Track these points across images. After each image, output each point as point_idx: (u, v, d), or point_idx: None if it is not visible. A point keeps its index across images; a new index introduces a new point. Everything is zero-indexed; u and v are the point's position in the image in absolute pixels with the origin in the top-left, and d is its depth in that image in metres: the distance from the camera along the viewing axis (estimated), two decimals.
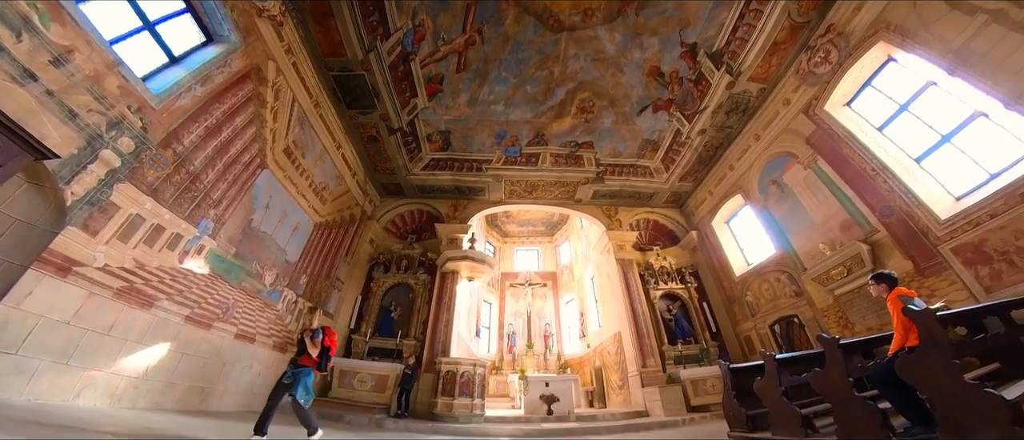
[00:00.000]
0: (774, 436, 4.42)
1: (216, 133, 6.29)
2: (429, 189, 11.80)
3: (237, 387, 6.76)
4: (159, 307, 5.43)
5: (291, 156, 8.05)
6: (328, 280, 9.42)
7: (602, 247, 12.27)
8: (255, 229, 7.25)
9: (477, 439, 6.61)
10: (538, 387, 8.89)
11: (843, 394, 3.60)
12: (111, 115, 4.80)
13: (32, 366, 4.04)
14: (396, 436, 6.25)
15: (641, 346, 9.48)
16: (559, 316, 16.54)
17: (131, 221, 5.06)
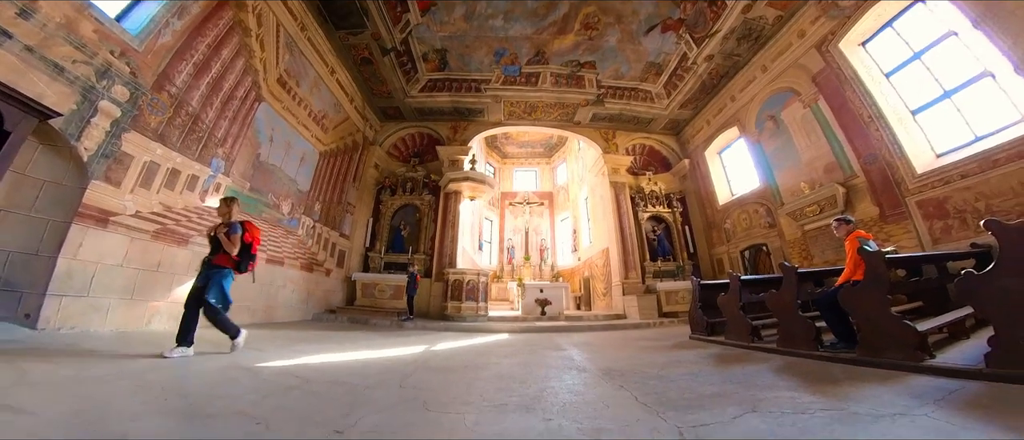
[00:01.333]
0: (726, 340, 5.16)
1: (206, 69, 5.88)
2: (428, 111, 11.31)
3: (278, 302, 7.55)
4: (194, 243, 5.73)
5: (286, 86, 7.60)
6: (340, 205, 9.72)
7: (598, 170, 12.37)
8: (264, 163, 7.25)
9: (482, 334, 7.52)
10: (533, 293, 9.97)
11: (789, 312, 4.17)
12: (97, 63, 4.48)
13: (104, 304, 4.54)
14: (415, 333, 7.22)
15: (626, 261, 10.37)
16: (554, 232, 17.56)
17: (147, 168, 5.09)
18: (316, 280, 8.70)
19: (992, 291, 2.53)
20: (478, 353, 4.76)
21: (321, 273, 8.93)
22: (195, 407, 2.18)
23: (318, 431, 1.88)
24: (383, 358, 4.22)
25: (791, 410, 2.20)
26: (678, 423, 2.08)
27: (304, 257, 8.40)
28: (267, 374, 3.14)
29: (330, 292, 9.25)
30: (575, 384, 3.12)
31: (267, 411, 2.13)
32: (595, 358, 4.35)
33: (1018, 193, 4.56)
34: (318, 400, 2.45)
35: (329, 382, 2.95)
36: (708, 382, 2.99)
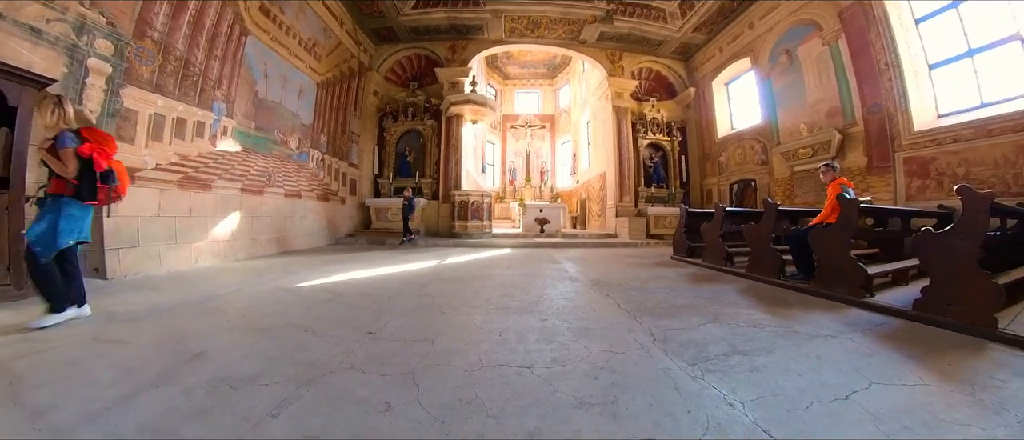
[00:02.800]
0: (703, 263, 5.61)
1: (182, 7, 5.47)
2: (424, 30, 10.20)
3: (301, 232, 8.14)
4: (217, 187, 6.06)
5: (269, 14, 6.98)
6: (345, 136, 9.65)
7: (601, 93, 11.49)
8: (264, 100, 7.11)
9: (487, 249, 8.17)
10: (533, 212, 10.38)
11: (762, 243, 4.49)
12: (70, 18, 4.26)
13: (155, 250, 5.07)
14: (427, 250, 7.91)
15: (621, 185, 10.39)
16: (554, 155, 17.12)
17: (153, 121, 5.15)
18: (333, 208, 9.22)
19: (941, 249, 2.68)
20: (484, 266, 5.36)
21: (336, 202, 9.40)
22: (253, 323, 2.62)
23: (355, 334, 2.33)
24: (401, 272, 4.78)
25: (746, 324, 2.58)
26: (651, 326, 2.49)
27: (318, 188, 8.76)
28: (306, 292, 3.68)
29: (347, 218, 9.85)
30: (568, 292, 3.61)
31: (311, 321, 2.64)
32: (586, 271, 4.89)
33: (999, 165, 4.31)
34: (351, 309, 2.96)
35: (358, 294, 3.49)
36: (681, 296, 3.45)
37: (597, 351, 2.06)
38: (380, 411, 1.45)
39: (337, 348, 2.11)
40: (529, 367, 1.84)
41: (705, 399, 1.54)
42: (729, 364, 1.89)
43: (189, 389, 1.62)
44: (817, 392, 1.59)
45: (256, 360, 1.96)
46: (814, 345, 2.18)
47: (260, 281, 4.36)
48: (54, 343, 2.21)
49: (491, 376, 1.75)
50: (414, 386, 1.64)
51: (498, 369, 1.83)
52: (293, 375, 1.76)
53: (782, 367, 1.85)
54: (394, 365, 1.87)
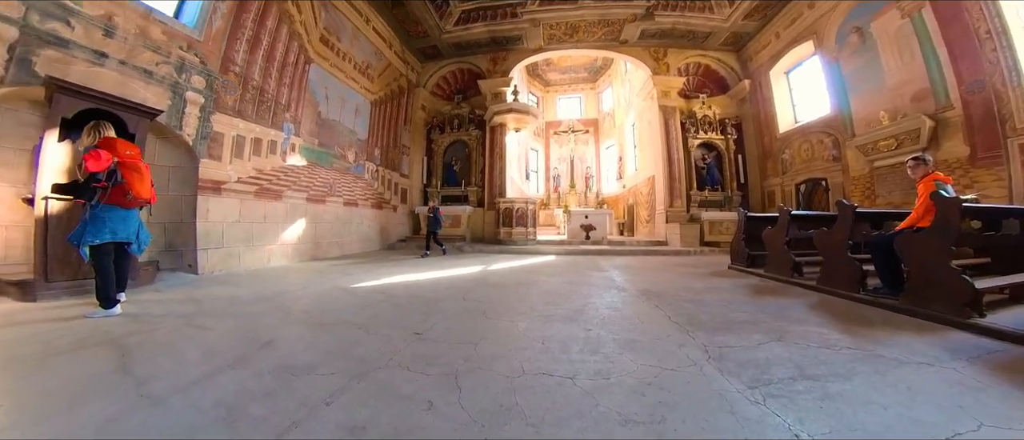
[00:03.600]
0: (766, 273, 5.03)
1: (257, 43, 6.17)
2: (466, 45, 10.55)
3: (357, 237, 8.74)
4: (287, 197, 6.72)
5: (328, 43, 7.67)
6: (396, 148, 10.25)
7: (646, 93, 10.96)
8: (325, 119, 7.77)
9: (531, 256, 8.15)
10: (579, 219, 10.18)
11: (837, 251, 3.91)
12: (173, 61, 4.99)
13: (236, 251, 5.74)
14: (473, 255, 8.09)
15: (671, 189, 9.79)
16: (599, 160, 16.55)
17: (236, 141, 5.82)
18: (386, 216, 9.79)
19: None
20: (528, 272, 5.33)
21: (389, 209, 9.97)
22: (314, 318, 2.85)
23: (403, 334, 2.43)
24: (448, 277, 4.90)
25: (817, 344, 2.24)
26: (705, 342, 2.27)
27: (373, 197, 9.35)
28: (361, 292, 3.92)
29: (399, 224, 10.39)
30: (614, 302, 3.46)
31: (365, 319, 2.78)
32: (634, 280, 4.66)
33: None
34: (401, 310, 3.08)
35: (408, 296, 3.65)
36: (740, 309, 3.12)
37: (644, 365, 1.93)
38: (423, 409, 1.48)
39: (386, 346, 2.21)
40: (572, 378, 1.77)
41: (766, 428, 1.35)
42: (795, 390, 1.66)
43: (258, 373, 1.83)
44: (908, 430, 1.33)
45: (315, 352, 2.13)
46: (904, 373, 1.83)
47: (321, 281, 4.72)
48: (157, 326, 2.64)
49: (532, 384, 1.71)
50: (456, 388, 1.66)
51: (540, 377, 1.78)
52: (346, 368, 1.88)
53: (862, 397, 1.59)
54: (438, 366, 1.91)
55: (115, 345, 2.22)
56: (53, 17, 3.85)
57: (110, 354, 2.08)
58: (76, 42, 4.03)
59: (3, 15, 3.50)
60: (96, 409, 1.47)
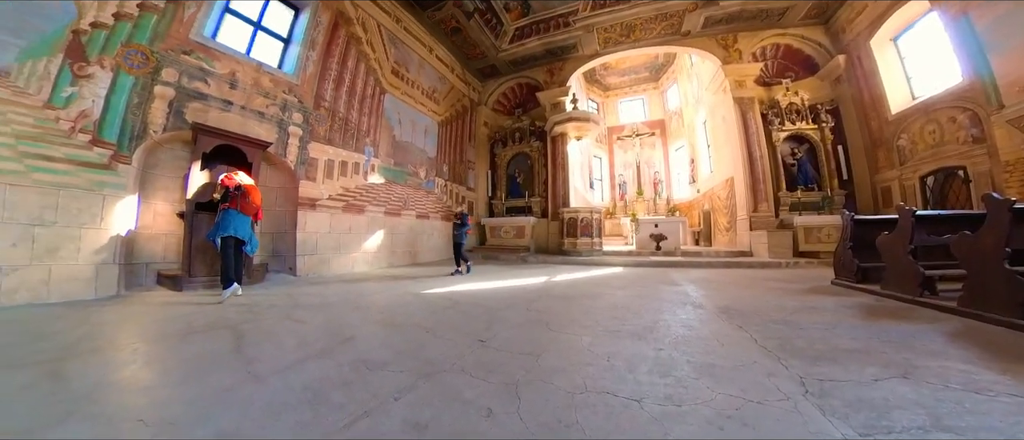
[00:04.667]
0: (883, 290, 4.10)
1: (341, 81, 7.08)
2: (522, 61, 10.81)
3: (428, 247, 9.33)
4: (368, 211, 7.48)
5: (399, 74, 8.53)
6: (462, 164, 10.83)
7: (716, 86, 9.94)
8: (399, 141, 8.52)
9: (597, 267, 7.81)
10: (648, 227, 9.57)
11: (989, 262, 3.01)
12: (279, 102, 5.95)
13: (327, 257, 6.53)
14: (536, 266, 8.00)
15: (755, 191, 8.62)
16: (668, 163, 15.33)
17: (327, 164, 6.70)
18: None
19: None
20: (593, 284, 5.11)
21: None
22: (389, 319, 3.11)
23: (468, 340, 2.50)
24: (512, 287, 4.93)
25: (960, 386, 1.71)
26: (802, 373, 1.89)
27: (442, 210, 9.92)
28: (430, 298, 4.14)
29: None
30: (689, 319, 3.12)
31: (433, 323, 2.94)
32: (713, 296, 4.19)
33: None
34: (466, 317, 3.16)
35: (473, 304, 3.74)
36: (848, 335, 2.59)
37: (724, 395, 1.67)
38: (482, 415, 1.47)
39: (452, 350, 2.28)
40: (638, 401, 1.61)
41: None
42: None
43: (340, 364, 2.05)
44: None
45: (388, 350, 2.30)
46: None
47: (396, 286, 5.10)
48: (264, 316, 3.19)
49: (594, 402, 1.59)
50: (516, 398, 1.62)
51: (602, 396, 1.65)
52: (414, 368, 1.99)
53: None
54: (499, 374, 1.90)
55: (233, 329, 2.77)
56: (196, 78, 4.87)
57: (229, 336, 2.60)
58: (211, 95, 5.03)
59: (165, 80, 4.54)
60: (217, 379, 1.84)
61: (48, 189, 3.67)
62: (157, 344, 2.47)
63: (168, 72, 4.58)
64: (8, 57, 3.52)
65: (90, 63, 3.99)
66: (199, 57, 4.90)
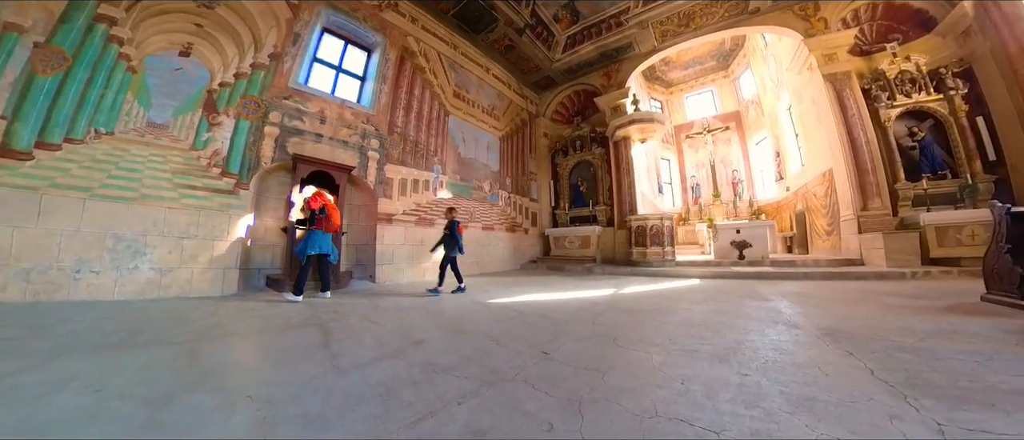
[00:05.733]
0: None
1: (409, 108, 7.74)
2: (577, 68, 10.66)
3: (493, 258, 9.45)
4: (438, 224, 7.83)
5: (460, 96, 9.09)
6: (525, 175, 10.96)
7: (800, 64, 8.49)
8: (464, 158, 8.95)
9: (670, 279, 7.18)
10: (728, 234, 8.55)
11: None
12: (359, 132, 6.68)
13: (401, 267, 7.02)
14: (603, 278, 7.58)
15: (862, 185, 7.11)
16: (748, 160, 13.43)
17: (401, 183, 7.29)
18: (518, 238, 10.37)
19: None
20: (666, 298, 4.72)
21: (521, 232, 10.55)
22: (455, 326, 3.23)
23: (531, 351, 2.46)
24: (577, 298, 4.76)
25: None
26: (939, 417, 1.45)
27: (507, 222, 10.07)
28: (495, 307, 4.18)
29: (530, 246, 10.82)
30: (782, 341, 2.67)
31: (498, 332, 2.96)
32: (812, 314, 3.54)
33: None
34: (531, 328, 3.12)
35: (537, 315, 3.69)
36: (1009, 370, 1.95)
37: (829, 437, 1.35)
38: (543, 430, 1.40)
39: (515, 360, 2.24)
40: (717, 433, 1.38)
41: None
42: None
43: (410, 365, 2.17)
44: None
45: (454, 356, 2.36)
46: None
47: (463, 295, 5.26)
48: (348, 316, 3.56)
49: (665, 430, 1.41)
50: (579, 415, 1.52)
51: (675, 424, 1.46)
52: (478, 375, 2.00)
53: None
54: (563, 388, 1.81)
55: (322, 326, 3.13)
56: (294, 117, 5.73)
57: (319, 332, 2.95)
58: (306, 130, 5.84)
59: (272, 122, 5.45)
60: (307, 368, 2.11)
61: (192, 210, 4.66)
62: (263, 335, 2.93)
63: (274, 115, 5.51)
64: (168, 115, 4.62)
65: (220, 114, 5.02)
66: (296, 100, 5.81)
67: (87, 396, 1.70)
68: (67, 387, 1.78)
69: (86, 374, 1.95)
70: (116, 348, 2.43)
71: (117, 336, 2.70)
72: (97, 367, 2.07)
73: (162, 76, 4.60)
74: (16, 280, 3.57)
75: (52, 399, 1.66)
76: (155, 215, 4.38)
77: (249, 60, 5.39)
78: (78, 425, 1.45)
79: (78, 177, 3.96)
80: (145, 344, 2.55)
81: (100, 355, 2.28)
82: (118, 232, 4.14)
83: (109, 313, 3.40)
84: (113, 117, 4.24)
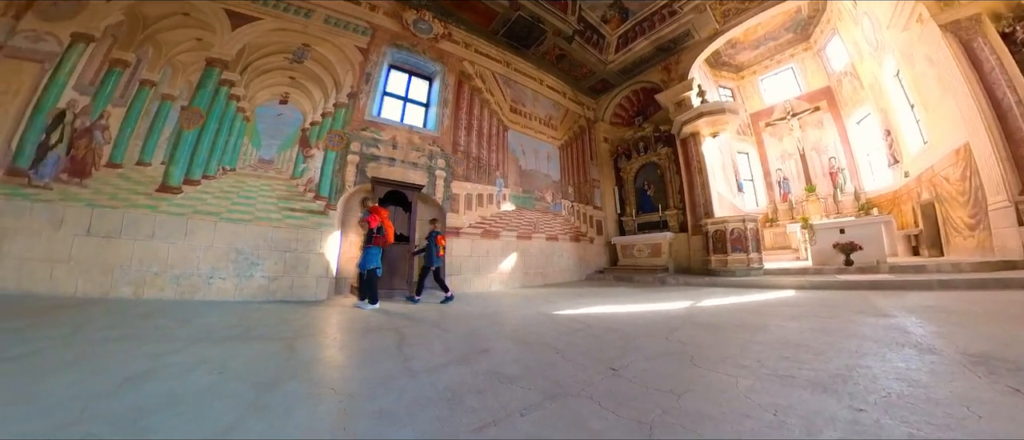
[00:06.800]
0: None
1: (470, 127, 8.09)
2: (632, 67, 10.09)
3: (558, 268, 9.23)
4: (502, 236, 8.03)
5: (516, 110, 9.28)
6: (587, 183, 10.64)
7: (904, 18, 6.79)
8: (525, 170, 9.02)
9: (756, 290, 6.21)
10: (829, 235, 7.20)
11: None
12: (426, 153, 7.15)
13: (468, 278, 7.19)
14: (677, 289, 6.87)
15: (1017, 158, 5.39)
16: (848, 144, 11.08)
17: (466, 198, 7.56)
18: (583, 248, 10.02)
19: None
20: (753, 312, 4.10)
21: (586, 241, 10.18)
22: (520, 336, 3.19)
23: (598, 366, 2.31)
24: (649, 311, 4.39)
25: None
26: None
27: (571, 231, 9.81)
28: (560, 319, 4.03)
29: (596, 256, 10.37)
30: (910, 369, 2.10)
31: (563, 345, 2.85)
32: (954, 334, 2.76)
33: None
34: (598, 342, 2.95)
35: (605, 329, 3.47)
36: None
37: None
38: None
39: (581, 375, 2.10)
40: None
41: None
42: None
43: (475, 372, 2.20)
44: None
45: (519, 366, 2.32)
46: None
47: (528, 305, 5.17)
48: (420, 323, 3.76)
49: None
50: None
51: None
52: (542, 387, 1.94)
53: None
54: (632, 409, 1.62)
55: (397, 331, 3.36)
56: (371, 145, 6.37)
57: (394, 337, 3.16)
58: (381, 155, 6.45)
59: (353, 151, 6.14)
60: (382, 368, 2.28)
61: (293, 228, 5.44)
62: (347, 335, 3.25)
63: (354, 144, 6.21)
64: (273, 152, 5.55)
65: (312, 147, 5.85)
66: (371, 131, 6.51)
67: (213, 376, 2.08)
68: (199, 368, 2.21)
69: (213, 359, 2.40)
70: (235, 340, 2.92)
71: (236, 330, 3.24)
72: (221, 354, 2.53)
73: (268, 121, 5.61)
74: (171, 283, 4.60)
75: (189, 376, 2.07)
76: (265, 233, 5.26)
77: (332, 101, 6.26)
78: (205, 399, 1.78)
79: (211, 205, 4.98)
80: (256, 338, 3.00)
81: (224, 344, 2.77)
82: (239, 247, 5.06)
83: (231, 311, 4.07)
84: (234, 157, 5.28)
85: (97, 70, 4.76)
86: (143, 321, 3.39)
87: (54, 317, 3.29)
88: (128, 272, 4.43)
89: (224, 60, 5.49)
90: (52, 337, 2.70)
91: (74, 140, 4.47)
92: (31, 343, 2.55)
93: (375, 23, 7.21)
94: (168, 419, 1.57)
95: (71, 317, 3.33)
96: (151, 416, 1.59)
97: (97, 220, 4.42)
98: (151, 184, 4.73)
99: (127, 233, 4.51)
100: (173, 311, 3.88)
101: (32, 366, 2.13)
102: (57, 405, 1.65)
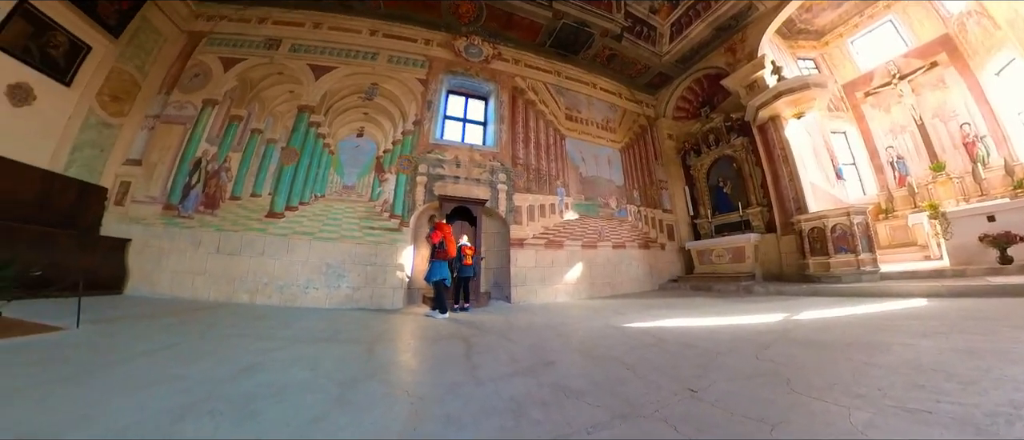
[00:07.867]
0: None
1: (528, 140, 8.16)
2: (691, 54, 9.22)
3: (627, 278, 8.63)
4: (567, 245, 7.81)
5: (572, 118, 9.17)
6: (653, 185, 9.92)
7: None
8: (586, 177, 8.76)
9: (871, 299, 4.99)
10: (972, 224, 5.58)
11: None
12: (488, 168, 7.38)
13: (533, 288, 7.10)
14: (766, 300, 5.95)
15: None
16: (987, 102, 8.23)
17: (529, 209, 7.57)
18: (654, 255, 9.27)
19: None
20: (868, 327, 3.40)
21: (656, 248, 9.42)
22: (587, 349, 3.04)
23: (674, 385, 2.04)
24: (733, 325, 3.89)
25: None
26: None
27: (639, 238, 9.17)
28: (631, 332, 3.74)
29: (668, 263, 9.52)
30: None
31: (634, 360, 2.63)
32: None
33: None
34: (673, 358, 2.67)
35: (682, 344, 3.11)
36: None
37: None
38: None
39: (654, 394, 1.89)
40: None
41: None
42: None
43: (541, 384, 2.15)
44: None
45: (586, 380, 2.20)
46: None
47: (595, 317, 4.88)
48: (487, 333, 3.79)
49: None
50: None
51: None
52: (610, 405, 1.81)
53: None
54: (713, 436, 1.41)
55: (465, 340, 3.43)
56: (436, 166, 6.85)
57: (462, 345, 3.23)
58: (446, 174, 6.89)
59: (420, 173, 6.66)
60: (450, 375, 2.34)
61: (371, 245, 6.10)
62: (420, 342, 3.44)
63: (422, 167, 6.75)
64: (354, 179, 6.39)
65: (386, 172, 6.54)
66: (436, 153, 7.02)
67: (306, 372, 2.35)
68: (296, 364, 2.52)
69: (308, 357, 2.71)
70: (325, 341, 3.28)
71: (326, 333, 3.63)
72: (314, 353, 2.84)
73: (348, 153, 6.53)
74: (277, 292, 5.52)
75: (288, 371, 2.36)
76: (350, 249, 5.96)
77: (400, 130, 6.98)
78: (300, 392, 1.99)
79: (307, 226, 5.91)
80: (342, 341, 3.33)
81: (316, 345, 3.12)
82: (329, 262, 5.81)
83: (322, 317, 4.61)
84: (323, 185, 6.22)
85: (221, 125, 6.24)
86: (256, 322, 4.02)
87: (194, 317, 4.10)
88: (246, 282, 5.48)
89: (311, 105, 6.64)
90: (191, 332, 3.40)
91: (207, 180, 5.85)
92: (179, 335, 3.25)
93: (431, 55, 7.90)
94: (271, 406, 1.81)
95: (205, 317, 4.12)
96: (258, 401, 1.85)
97: (224, 241, 5.64)
98: (261, 211, 5.82)
99: (245, 251, 5.65)
100: (278, 315, 4.52)
101: (178, 354, 2.69)
102: (195, 385, 2.05)
